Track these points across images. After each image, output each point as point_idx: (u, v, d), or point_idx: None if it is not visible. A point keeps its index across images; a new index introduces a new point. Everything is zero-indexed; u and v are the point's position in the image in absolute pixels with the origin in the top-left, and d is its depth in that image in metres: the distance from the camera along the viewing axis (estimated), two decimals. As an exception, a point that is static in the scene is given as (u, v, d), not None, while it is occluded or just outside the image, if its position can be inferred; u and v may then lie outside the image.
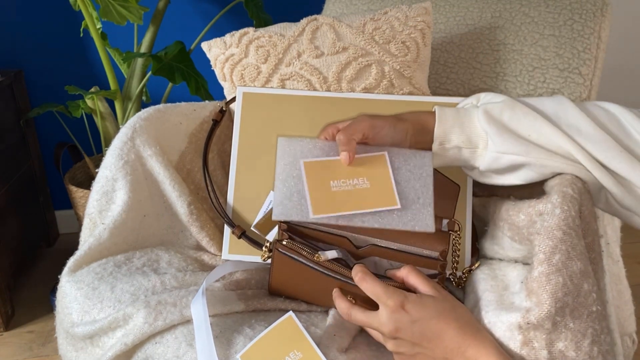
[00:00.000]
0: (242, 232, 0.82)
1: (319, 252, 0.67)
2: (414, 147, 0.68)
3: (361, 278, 0.63)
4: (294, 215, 0.63)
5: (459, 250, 0.77)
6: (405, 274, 0.64)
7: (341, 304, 0.65)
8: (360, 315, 0.62)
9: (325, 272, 0.68)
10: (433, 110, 0.69)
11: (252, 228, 0.82)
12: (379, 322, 0.60)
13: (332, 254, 0.68)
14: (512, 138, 0.64)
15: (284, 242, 0.70)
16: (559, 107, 0.65)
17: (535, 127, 0.63)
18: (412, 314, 0.58)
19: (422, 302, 0.59)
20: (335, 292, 0.67)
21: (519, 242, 0.68)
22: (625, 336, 0.88)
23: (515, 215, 0.67)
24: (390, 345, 0.61)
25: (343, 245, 0.70)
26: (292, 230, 0.73)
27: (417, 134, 0.68)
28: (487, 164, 0.67)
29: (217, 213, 0.86)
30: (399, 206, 0.63)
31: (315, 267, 0.68)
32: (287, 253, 0.69)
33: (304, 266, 0.69)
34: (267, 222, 0.82)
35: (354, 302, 0.66)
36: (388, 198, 0.64)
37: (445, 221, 0.77)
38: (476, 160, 0.68)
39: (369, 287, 0.62)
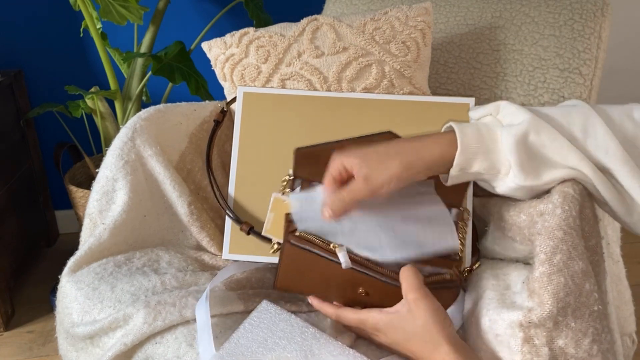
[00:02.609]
0: (250, 228, 0.81)
1: (335, 243, 0.66)
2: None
3: (337, 317, 0.68)
4: None
5: (464, 239, 0.76)
6: (400, 274, 0.64)
7: (327, 309, 0.69)
8: (350, 315, 0.67)
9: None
10: (448, 128, 0.65)
11: (263, 234, 0.81)
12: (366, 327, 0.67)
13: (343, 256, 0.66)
14: (534, 172, 0.62)
15: (297, 233, 0.68)
16: (587, 123, 0.62)
17: (562, 154, 0.61)
18: (384, 338, 0.65)
19: (392, 327, 0.63)
20: (314, 302, 0.70)
21: (520, 242, 0.68)
22: (625, 336, 0.88)
23: (516, 216, 0.67)
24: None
25: None
26: None
27: (432, 171, 0.65)
28: (505, 191, 0.64)
29: (218, 213, 0.86)
30: None
31: (331, 257, 0.66)
32: (299, 244, 0.67)
33: (317, 257, 0.67)
34: (276, 225, 0.81)
35: (364, 294, 0.68)
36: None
37: (454, 211, 0.75)
38: (495, 183, 0.65)
39: (351, 321, 0.67)
